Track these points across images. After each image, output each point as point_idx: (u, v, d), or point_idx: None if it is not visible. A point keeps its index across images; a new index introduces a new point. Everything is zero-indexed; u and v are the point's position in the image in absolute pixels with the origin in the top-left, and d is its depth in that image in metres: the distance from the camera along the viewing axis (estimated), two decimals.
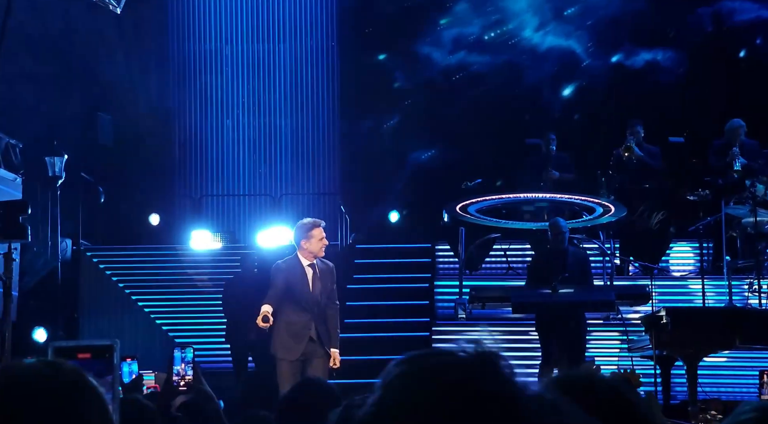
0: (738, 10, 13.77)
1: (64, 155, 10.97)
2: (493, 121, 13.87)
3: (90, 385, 1.35)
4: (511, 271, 11.32)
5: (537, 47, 14.04)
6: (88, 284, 11.71)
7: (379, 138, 14.24)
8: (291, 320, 7.50)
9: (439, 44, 14.10)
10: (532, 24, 14.17)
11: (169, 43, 14.16)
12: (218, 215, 13.75)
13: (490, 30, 14.38)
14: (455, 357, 1.06)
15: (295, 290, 7.49)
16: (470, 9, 14.30)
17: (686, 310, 9.20)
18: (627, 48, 14.00)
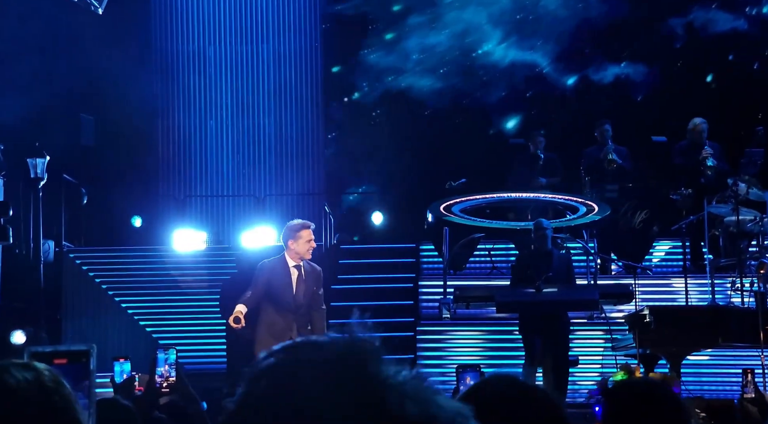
0: (713, 21, 13.70)
1: (47, 156, 10.91)
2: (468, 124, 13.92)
3: (65, 390, 1.35)
4: (495, 271, 11.34)
5: (499, 62, 13.91)
6: (71, 286, 11.65)
7: (363, 138, 14.25)
8: (273, 321, 7.49)
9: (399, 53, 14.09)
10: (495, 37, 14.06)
11: (152, 43, 14.11)
12: (202, 215, 13.71)
13: (452, 42, 14.27)
14: (320, 349, 1.06)
15: (278, 290, 7.48)
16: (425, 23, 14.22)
17: (669, 309, 9.24)
18: (596, 61, 13.85)
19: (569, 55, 13.87)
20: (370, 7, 14.26)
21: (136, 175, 13.72)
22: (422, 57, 14.03)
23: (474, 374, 6.14)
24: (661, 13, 13.94)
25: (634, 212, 11.35)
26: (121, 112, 13.47)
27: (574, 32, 13.71)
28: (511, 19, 14.02)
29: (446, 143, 13.86)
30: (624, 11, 13.73)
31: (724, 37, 13.64)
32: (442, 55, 14.06)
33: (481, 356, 10.46)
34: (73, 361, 1.85)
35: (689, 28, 13.79)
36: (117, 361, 5.35)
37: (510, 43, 13.91)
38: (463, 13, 14.05)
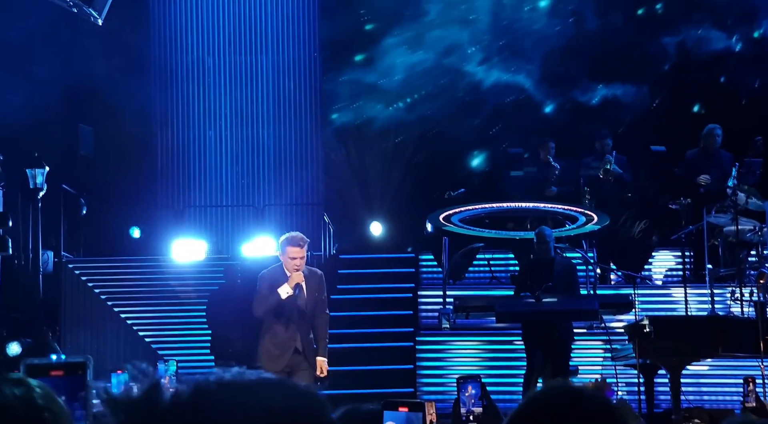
0: (706, 40, 13.59)
1: (46, 167, 10.91)
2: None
3: (59, 406, 1.34)
4: (494, 280, 11.33)
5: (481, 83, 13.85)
6: (70, 297, 11.64)
7: (362, 148, 14.27)
8: (275, 332, 7.46)
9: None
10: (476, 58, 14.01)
11: (151, 53, 14.12)
12: (201, 225, 13.70)
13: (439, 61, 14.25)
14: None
15: (279, 299, 7.46)
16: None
17: (669, 318, 9.23)
18: (584, 83, 13.72)
19: (554, 76, 13.75)
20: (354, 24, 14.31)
21: (135, 185, 13.72)
22: (406, 76, 14.04)
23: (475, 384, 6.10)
24: (651, 34, 13.84)
25: (633, 221, 11.35)
26: (119, 122, 13.47)
27: (561, 53, 13.62)
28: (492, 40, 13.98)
29: (444, 154, 13.87)
30: (613, 32, 13.63)
31: (716, 57, 13.53)
32: (427, 73, 14.07)
33: (481, 366, 10.44)
34: (69, 373, 1.84)
35: (681, 48, 13.70)
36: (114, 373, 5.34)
37: (492, 64, 13.86)
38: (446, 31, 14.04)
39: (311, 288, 7.54)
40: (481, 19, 13.98)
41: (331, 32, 14.13)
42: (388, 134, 14.07)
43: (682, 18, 13.71)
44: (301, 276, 7.41)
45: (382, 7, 14.18)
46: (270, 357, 7.43)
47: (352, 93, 14.09)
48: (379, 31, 14.13)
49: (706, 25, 13.58)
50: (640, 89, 13.40)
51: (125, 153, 13.64)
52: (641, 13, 14.27)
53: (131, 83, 13.62)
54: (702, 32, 13.57)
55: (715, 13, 13.61)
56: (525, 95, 13.75)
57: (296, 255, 7.38)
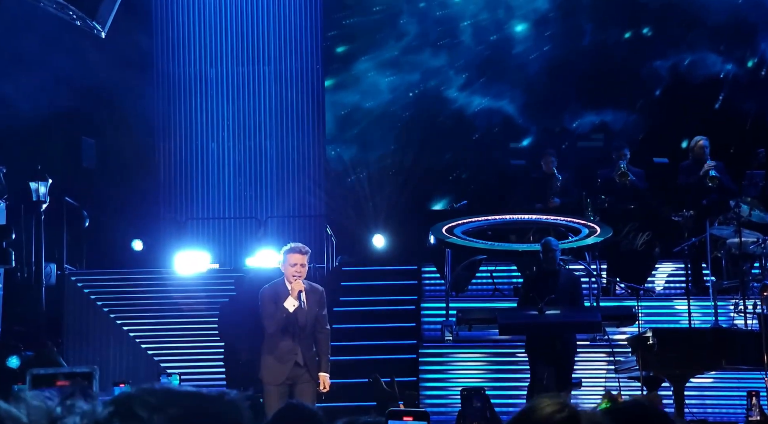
0: (701, 64, 13.42)
1: (48, 179, 10.91)
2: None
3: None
4: (497, 292, 11.32)
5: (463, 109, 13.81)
6: (72, 309, 11.63)
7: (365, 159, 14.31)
8: (276, 345, 7.46)
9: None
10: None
11: (153, 65, 14.15)
12: (204, 238, 13.70)
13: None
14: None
15: (279, 314, 7.46)
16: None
17: (672, 331, 9.22)
18: (572, 108, 13.58)
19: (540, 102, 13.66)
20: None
21: (138, 197, 13.72)
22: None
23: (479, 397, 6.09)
24: (641, 58, 13.71)
25: (636, 233, 11.33)
26: (122, 134, 13.49)
27: (548, 78, 13.51)
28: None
29: (445, 165, 13.89)
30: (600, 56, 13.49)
31: (712, 82, 13.38)
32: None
33: (485, 378, 10.42)
34: (75, 383, 1.83)
35: (674, 72, 13.57)
36: (117, 386, 5.34)
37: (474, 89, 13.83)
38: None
39: (312, 303, 7.54)
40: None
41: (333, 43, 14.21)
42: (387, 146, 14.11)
43: (674, 41, 13.62)
44: (301, 285, 7.42)
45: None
46: (272, 370, 7.44)
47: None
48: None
49: (701, 48, 13.47)
50: (630, 116, 13.20)
51: (128, 165, 13.65)
52: (629, 37, 14.17)
53: (134, 95, 13.64)
54: (696, 56, 13.44)
55: (710, 37, 13.52)
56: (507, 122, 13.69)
57: (296, 261, 7.39)
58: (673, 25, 13.76)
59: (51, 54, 12.67)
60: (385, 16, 14.53)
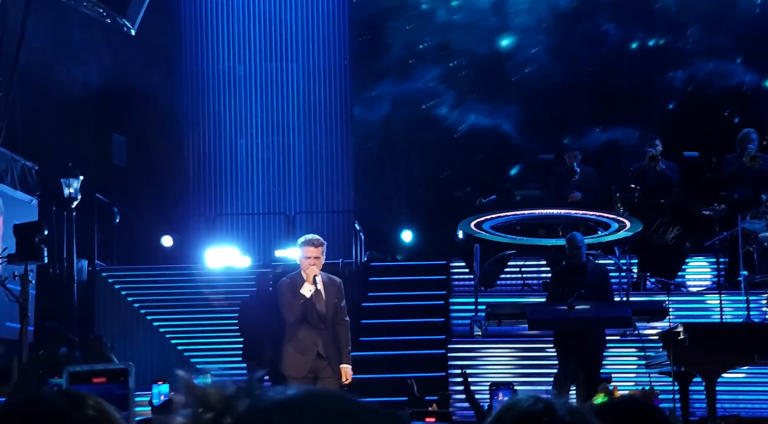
0: (719, 74, 13.05)
1: (80, 177, 11.01)
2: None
3: (111, 417, 1.34)
4: (526, 288, 11.28)
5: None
6: (103, 305, 11.73)
7: (392, 155, 14.32)
8: (297, 337, 7.47)
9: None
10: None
11: (182, 63, 14.23)
12: (233, 234, 13.77)
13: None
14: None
15: (305, 299, 7.47)
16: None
17: (704, 326, 9.13)
18: (576, 125, 13.34)
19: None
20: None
21: (167, 194, 13.81)
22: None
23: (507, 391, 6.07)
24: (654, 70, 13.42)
25: (666, 228, 11.25)
26: (152, 131, 13.58)
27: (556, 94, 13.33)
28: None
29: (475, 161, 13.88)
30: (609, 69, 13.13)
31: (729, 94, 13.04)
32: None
33: (514, 373, 10.39)
34: (112, 380, 1.85)
35: (688, 85, 13.28)
36: (155, 383, 5.37)
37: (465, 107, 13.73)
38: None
39: (331, 294, 7.55)
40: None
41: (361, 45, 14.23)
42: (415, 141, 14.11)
43: (687, 52, 13.34)
44: (315, 270, 7.45)
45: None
46: (293, 362, 7.44)
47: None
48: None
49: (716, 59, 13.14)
50: (643, 133, 12.69)
51: (157, 162, 13.74)
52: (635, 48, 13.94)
53: (163, 93, 13.73)
54: (714, 67, 13.09)
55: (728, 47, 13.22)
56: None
57: (311, 254, 7.43)
58: (686, 35, 13.55)
59: (82, 53, 12.77)
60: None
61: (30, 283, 9.11)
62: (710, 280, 11.49)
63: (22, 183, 11.05)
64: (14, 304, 9.05)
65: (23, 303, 8.90)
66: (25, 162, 11.20)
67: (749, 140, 11.09)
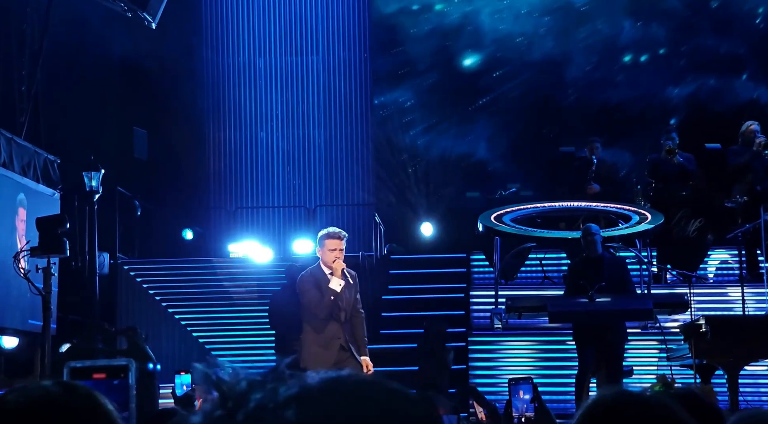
0: (727, 91, 12.76)
1: (101, 170, 11.07)
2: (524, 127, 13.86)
3: (104, 407, 1.36)
4: (547, 280, 11.25)
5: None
6: (125, 298, 11.80)
7: (411, 148, 14.32)
8: (320, 331, 7.46)
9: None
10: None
11: (202, 56, 14.27)
12: (253, 227, 13.81)
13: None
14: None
15: (335, 294, 7.46)
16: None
17: (726, 318, 9.09)
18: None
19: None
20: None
21: (188, 187, 13.87)
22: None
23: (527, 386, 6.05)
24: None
25: (688, 220, 11.18)
26: (173, 125, 13.63)
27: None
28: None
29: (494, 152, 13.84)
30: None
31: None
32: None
33: (534, 366, 10.37)
34: (112, 376, 1.86)
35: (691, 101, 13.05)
36: (178, 374, 5.41)
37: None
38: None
39: (350, 288, 7.54)
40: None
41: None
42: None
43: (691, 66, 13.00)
44: (342, 263, 7.43)
45: None
46: (317, 357, 7.40)
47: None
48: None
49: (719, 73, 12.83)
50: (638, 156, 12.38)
51: (178, 155, 13.80)
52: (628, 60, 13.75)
53: (184, 86, 13.78)
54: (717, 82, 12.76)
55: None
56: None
57: (335, 247, 7.39)
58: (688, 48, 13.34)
59: (103, 47, 12.84)
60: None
61: (52, 276, 9.16)
62: (732, 272, 11.42)
63: (44, 177, 11.13)
64: (37, 300, 9.12)
65: (45, 296, 8.96)
66: (48, 156, 11.28)
67: (754, 131, 11.00)
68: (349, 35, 14.23)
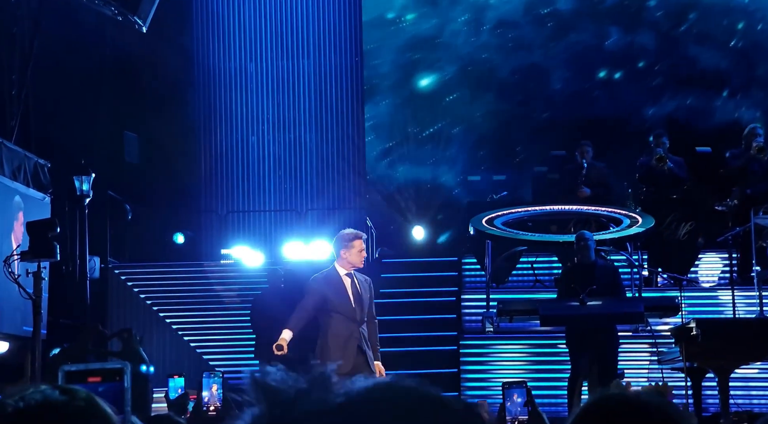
0: (706, 112, 12.74)
1: (92, 174, 11.05)
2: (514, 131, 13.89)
3: (103, 411, 1.37)
4: (538, 283, 11.27)
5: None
6: (116, 302, 11.77)
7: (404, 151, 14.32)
8: (337, 332, 7.40)
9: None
10: None
11: (193, 60, 14.25)
12: (244, 230, 13.79)
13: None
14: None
15: (336, 301, 7.45)
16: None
17: (716, 321, 9.12)
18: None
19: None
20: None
21: (179, 191, 13.84)
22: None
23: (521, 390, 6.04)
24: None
25: (678, 223, 11.22)
26: (164, 129, 13.61)
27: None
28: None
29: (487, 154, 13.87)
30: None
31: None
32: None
33: (526, 369, 10.39)
34: (107, 379, 1.85)
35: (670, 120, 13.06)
36: (171, 377, 5.39)
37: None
38: None
39: (365, 291, 7.55)
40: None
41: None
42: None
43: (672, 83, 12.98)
44: None
45: None
46: (333, 355, 7.32)
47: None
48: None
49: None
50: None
51: (169, 159, 13.77)
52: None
53: (175, 90, 13.75)
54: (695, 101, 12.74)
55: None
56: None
57: (363, 246, 7.48)
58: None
59: (95, 50, 12.81)
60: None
61: (43, 280, 9.14)
62: (723, 276, 11.45)
63: (35, 181, 11.09)
64: (29, 306, 9.09)
65: (36, 300, 8.94)
66: (38, 160, 11.25)
67: (756, 134, 11.04)
68: (340, 39, 14.23)
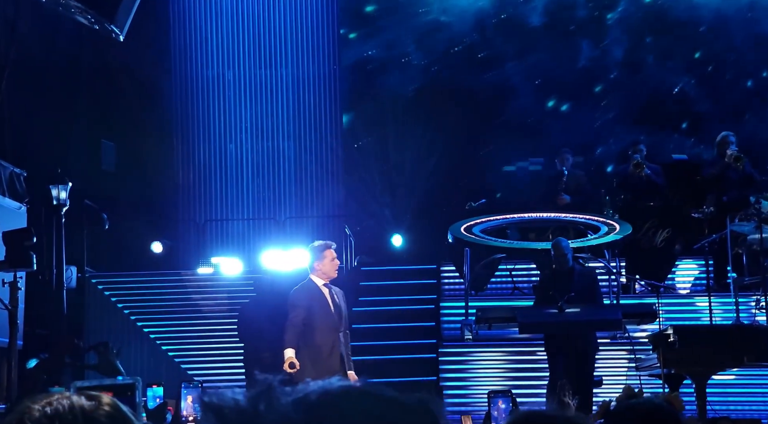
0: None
1: (68, 183, 10.98)
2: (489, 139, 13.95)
3: (128, 418, 1.39)
4: (516, 291, 11.30)
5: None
6: (93, 312, 11.69)
7: (382, 160, 14.33)
8: (318, 343, 7.43)
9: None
10: None
11: (171, 68, 14.21)
12: (222, 239, 13.75)
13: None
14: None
15: (316, 312, 7.47)
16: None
17: (694, 328, 9.17)
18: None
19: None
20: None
21: (157, 199, 13.79)
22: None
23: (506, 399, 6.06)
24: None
25: (656, 230, 11.28)
26: (141, 137, 13.55)
27: None
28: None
29: (466, 163, 13.90)
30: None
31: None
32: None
33: (505, 377, 10.41)
34: (118, 395, 1.86)
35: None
36: (149, 387, 5.37)
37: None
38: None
39: (341, 301, 7.63)
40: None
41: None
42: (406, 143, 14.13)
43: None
44: None
45: None
46: (316, 369, 7.32)
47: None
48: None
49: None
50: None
51: (147, 168, 13.71)
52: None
53: (152, 98, 13.70)
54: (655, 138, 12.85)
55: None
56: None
57: (335, 255, 7.58)
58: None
59: (72, 59, 12.75)
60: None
61: (19, 290, 9.07)
62: (700, 282, 11.53)
63: (10, 190, 11.01)
64: (5, 316, 9.02)
65: (12, 310, 8.87)
66: (14, 169, 11.17)
67: (729, 142, 11.13)
68: (318, 48, 14.24)
